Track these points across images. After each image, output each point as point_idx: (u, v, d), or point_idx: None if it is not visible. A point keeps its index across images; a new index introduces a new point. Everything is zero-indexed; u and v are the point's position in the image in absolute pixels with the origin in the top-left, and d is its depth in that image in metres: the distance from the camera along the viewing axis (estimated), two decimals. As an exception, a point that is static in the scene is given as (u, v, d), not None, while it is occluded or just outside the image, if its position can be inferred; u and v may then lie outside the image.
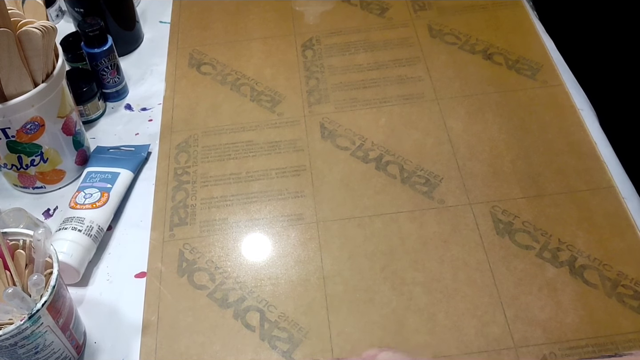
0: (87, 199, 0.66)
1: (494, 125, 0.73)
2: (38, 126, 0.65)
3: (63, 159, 0.70)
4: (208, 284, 0.62)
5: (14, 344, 0.49)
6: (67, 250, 0.61)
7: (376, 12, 0.90)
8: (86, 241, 0.63)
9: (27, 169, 0.69)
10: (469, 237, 0.63)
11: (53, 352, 0.53)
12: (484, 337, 0.56)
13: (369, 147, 0.72)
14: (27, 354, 0.51)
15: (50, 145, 0.68)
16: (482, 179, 0.68)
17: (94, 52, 0.77)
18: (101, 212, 0.66)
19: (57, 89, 0.65)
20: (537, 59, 0.80)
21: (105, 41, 0.77)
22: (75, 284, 0.63)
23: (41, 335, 0.50)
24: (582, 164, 0.69)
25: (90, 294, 0.63)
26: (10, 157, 0.67)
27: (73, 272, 0.62)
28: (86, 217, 0.64)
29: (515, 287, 0.59)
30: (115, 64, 0.79)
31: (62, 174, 0.71)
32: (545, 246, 0.62)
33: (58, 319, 0.51)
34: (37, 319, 0.49)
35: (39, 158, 0.68)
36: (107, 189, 0.68)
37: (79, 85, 0.76)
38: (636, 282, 0.58)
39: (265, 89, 0.80)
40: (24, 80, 0.61)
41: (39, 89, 0.62)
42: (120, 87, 0.82)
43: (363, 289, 0.60)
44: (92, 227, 0.64)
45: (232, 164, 0.72)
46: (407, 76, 0.80)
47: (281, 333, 0.58)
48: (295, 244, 0.65)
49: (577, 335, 0.56)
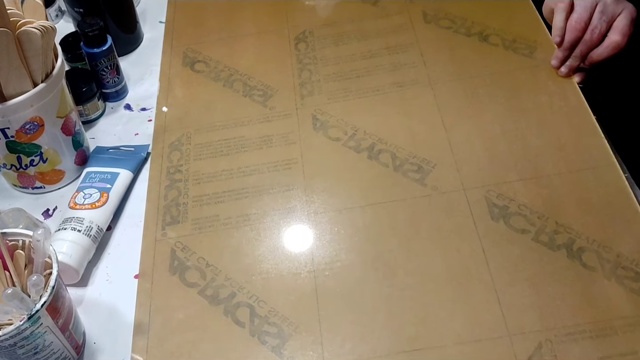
0: (86, 199, 0.67)
1: (489, 107, 0.71)
2: (37, 126, 0.65)
3: (62, 159, 0.71)
4: (199, 282, 0.62)
5: (13, 344, 0.49)
6: (66, 250, 0.62)
7: (370, 2, 0.88)
8: (86, 241, 0.63)
9: (27, 169, 0.69)
10: (463, 223, 0.61)
11: (52, 352, 0.53)
12: (478, 325, 0.55)
13: (361, 136, 0.71)
14: (26, 355, 0.51)
15: (49, 146, 0.68)
16: (477, 163, 0.66)
17: (93, 52, 0.77)
18: (101, 213, 0.66)
19: (57, 89, 0.65)
20: (534, 37, 0.77)
21: (104, 41, 0.77)
22: (75, 284, 0.64)
23: (40, 335, 0.50)
24: (582, 142, 0.66)
25: (89, 295, 0.63)
26: (10, 157, 0.67)
27: (72, 273, 0.62)
28: (86, 218, 0.65)
29: (510, 273, 0.57)
30: (114, 64, 0.80)
31: (62, 174, 0.72)
32: (542, 229, 0.60)
33: (57, 319, 0.52)
34: (36, 320, 0.49)
35: (39, 158, 0.68)
36: (106, 189, 0.68)
37: (79, 85, 0.77)
38: (637, 263, 0.56)
39: (258, 84, 0.80)
40: (23, 80, 0.61)
41: (38, 89, 0.62)
42: (119, 87, 0.82)
43: (354, 280, 0.59)
44: (91, 228, 0.64)
45: (224, 161, 0.72)
46: (401, 63, 0.78)
47: (271, 328, 0.57)
48: (286, 238, 0.64)
49: (575, 320, 0.53)
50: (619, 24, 0.68)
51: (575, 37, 0.70)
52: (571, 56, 0.71)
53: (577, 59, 0.71)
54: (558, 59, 0.72)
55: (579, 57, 0.71)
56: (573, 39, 0.70)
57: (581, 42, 0.70)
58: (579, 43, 0.70)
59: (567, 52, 0.71)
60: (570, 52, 0.71)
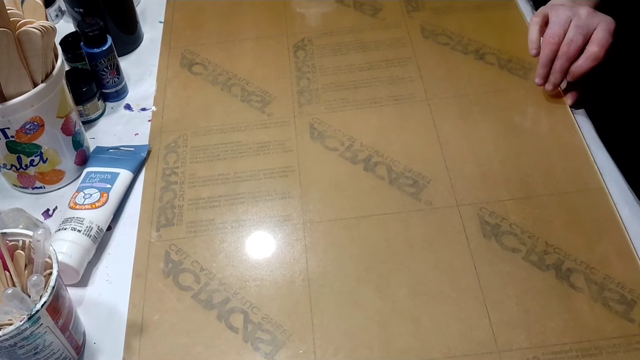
0: (86, 199, 0.66)
1: (484, 125, 0.73)
2: (37, 126, 0.65)
3: (62, 159, 0.70)
4: (193, 285, 0.62)
5: (13, 344, 0.49)
6: (66, 250, 0.61)
7: (369, 13, 0.89)
8: (86, 241, 0.63)
9: (27, 169, 0.69)
10: (456, 239, 0.63)
11: (52, 352, 0.53)
12: (468, 341, 0.56)
13: (358, 148, 0.72)
14: (26, 355, 0.51)
15: (49, 146, 0.68)
16: (471, 180, 0.68)
17: (93, 52, 0.77)
18: (101, 213, 0.66)
19: (57, 89, 0.65)
20: (529, 59, 0.79)
21: (104, 41, 0.77)
22: (75, 284, 0.63)
23: (41, 335, 0.50)
24: (572, 165, 0.68)
25: (89, 295, 0.63)
26: (10, 157, 0.67)
27: (72, 273, 0.62)
28: (86, 218, 0.64)
29: (500, 290, 0.59)
30: (114, 64, 0.79)
31: (62, 174, 0.72)
32: (532, 249, 0.61)
33: (57, 319, 0.51)
34: (36, 320, 0.49)
35: (39, 158, 0.68)
36: (106, 189, 0.68)
37: (79, 86, 0.76)
38: (622, 286, 0.58)
39: (256, 89, 0.80)
40: (23, 80, 0.61)
41: (38, 89, 0.62)
42: (119, 87, 0.82)
43: (347, 291, 0.60)
44: (91, 228, 0.64)
45: (221, 165, 0.72)
46: (399, 76, 0.80)
47: (264, 335, 0.58)
48: (281, 246, 0.64)
49: (561, 339, 0.55)
50: (597, 35, 0.68)
51: (550, 50, 0.71)
52: (552, 71, 0.72)
53: (558, 74, 0.71)
54: (540, 75, 0.73)
55: (560, 72, 0.71)
56: (549, 52, 0.71)
57: (558, 55, 0.70)
58: (555, 57, 0.71)
59: (547, 68, 0.72)
60: (550, 67, 0.72)
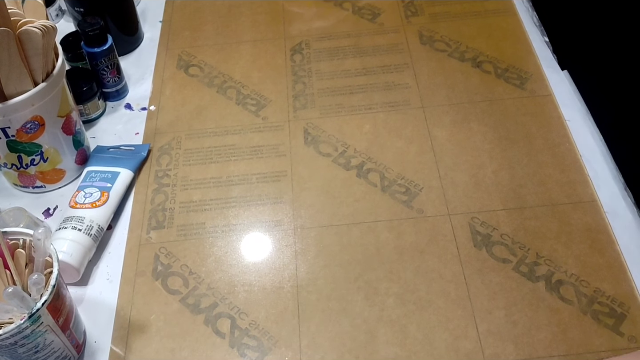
0: (87, 198, 0.66)
1: (478, 134, 0.73)
2: (38, 125, 0.65)
3: (63, 159, 0.70)
4: (181, 289, 0.62)
5: (14, 343, 0.49)
6: (67, 249, 0.61)
7: (368, 17, 0.89)
8: (86, 240, 0.63)
9: (27, 168, 0.68)
10: (446, 248, 0.62)
11: (53, 351, 0.53)
12: (455, 351, 0.56)
13: (352, 154, 0.72)
14: (27, 353, 0.51)
15: (50, 145, 0.68)
16: (463, 190, 0.67)
17: (93, 51, 0.77)
18: (101, 212, 0.66)
19: (57, 88, 0.65)
20: (526, 68, 0.79)
21: (105, 41, 0.77)
22: (75, 283, 0.63)
23: (41, 334, 0.50)
24: (566, 177, 0.68)
25: (90, 293, 0.63)
26: (10, 156, 0.67)
27: (73, 272, 0.62)
28: (86, 217, 0.64)
29: (489, 301, 0.58)
30: (115, 63, 0.79)
31: (62, 173, 0.71)
32: (523, 260, 0.61)
33: (58, 318, 0.51)
34: (37, 319, 0.48)
35: (39, 157, 0.68)
36: (107, 189, 0.68)
37: (79, 85, 0.76)
38: (612, 300, 0.57)
39: (252, 93, 0.80)
40: (24, 79, 0.61)
41: (39, 89, 0.62)
42: (120, 87, 0.81)
43: (336, 298, 0.60)
44: (92, 227, 0.64)
45: (213, 168, 0.72)
46: (395, 83, 0.79)
47: (251, 341, 0.58)
48: (271, 251, 0.64)
49: (549, 352, 0.55)
50: None
51: None
52: None
53: None
54: None
55: None
56: None
57: None
58: None
59: None
60: None
